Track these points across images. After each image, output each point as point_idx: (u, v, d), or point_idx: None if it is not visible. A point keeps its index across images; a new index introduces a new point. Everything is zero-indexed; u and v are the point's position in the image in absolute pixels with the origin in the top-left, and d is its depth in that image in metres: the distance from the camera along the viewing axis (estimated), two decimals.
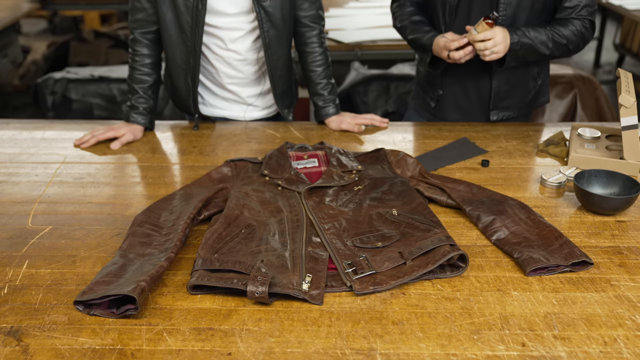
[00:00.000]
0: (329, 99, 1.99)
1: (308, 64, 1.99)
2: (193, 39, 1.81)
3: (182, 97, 1.97)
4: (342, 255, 1.21)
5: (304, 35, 1.95)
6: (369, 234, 1.29)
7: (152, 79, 1.92)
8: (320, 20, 1.96)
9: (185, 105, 1.99)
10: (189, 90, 1.93)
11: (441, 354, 0.99)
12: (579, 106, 2.85)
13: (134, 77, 1.91)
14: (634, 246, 1.29)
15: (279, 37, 1.87)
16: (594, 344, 1.01)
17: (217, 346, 1.01)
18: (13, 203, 1.50)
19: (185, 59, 1.87)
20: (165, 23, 1.82)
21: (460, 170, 1.66)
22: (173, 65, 1.92)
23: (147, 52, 1.90)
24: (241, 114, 2.04)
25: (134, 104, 1.91)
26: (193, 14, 1.77)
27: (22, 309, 1.10)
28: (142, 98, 1.91)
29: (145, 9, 1.84)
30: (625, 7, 4.41)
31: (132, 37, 1.90)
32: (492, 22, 1.69)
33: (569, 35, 1.78)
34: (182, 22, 1.80)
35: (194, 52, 1.84)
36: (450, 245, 1.20)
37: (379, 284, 1.13)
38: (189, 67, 1.88)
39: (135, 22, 1.87)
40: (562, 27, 1.78)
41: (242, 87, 1.98)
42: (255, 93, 2.01)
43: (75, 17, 6.58)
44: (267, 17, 1.81)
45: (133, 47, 1.91)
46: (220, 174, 1.57)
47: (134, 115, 1.91)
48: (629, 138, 1.59)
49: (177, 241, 1.24)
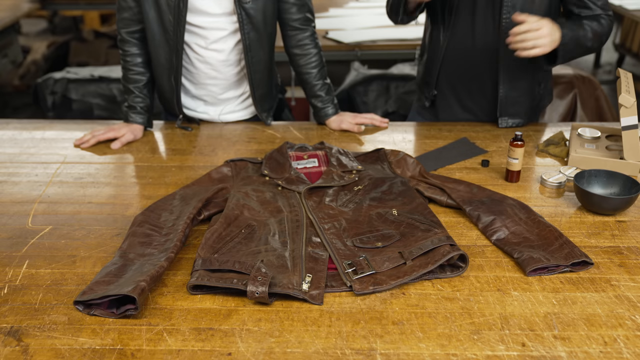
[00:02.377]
0: (327, 99, 1.98)
1: (302, 67, 1.96)
2: (175, 38, 1.80)
3: (167, 97, 1.97)
4: (342, 255, 1.21)
5: (294, 37, 1.93)
6: (369, 234, 1.29)
7: (145, 77, 1.92)
8: (311, 22, 1.94)
9: (170, 105, 1.98)
10: (172, 90, 1.92)
11: (441, 354, 0.99)
12: (579, 106, 2.85)
13: (127, 77, 1.91)
14: (634, 246, 1.29)
15: (260, 39, 1.85)
16: (594, 344, 1.01)
17: (217, 346, 1.01)
18: (13, 203, 1.50)
19: (169, 58, 1.85)
20: (148, 22, 1.81)
21: (460, 170, 1.66)
22: (157, 64, 1.90)
23: (136, 51, 1.89)
24: (216, 117, 2.02)
25: (131, 104, 1.91)
26: (175, 13, 1.76)
27: (22, 309, 1.10)
28: (139, 97, 1.91)
29: (131, 7, 1.83)
30: (625, 7, 4.41)
31: (119, 37, 1.90)
32: (521, 143, 1.55)
33: (603, 30, 1.74)
34: (165, 21, 1.79)
35: (177, 52, 1.83)
36: (450, 245, 1.20)
37: (379, 284, 1.13)
38: (171, 66, 1.87)
39: (121, 22, 1.87)
40: (595, 21, 1.73)
41: (221, 89, 1.96)
42: (235, 95, 1.99)
43: (75, 17, 6.57)
44: (249, 19, 1.79)
45: (122, 47, 1.90)
46: (220, 174, 1.57)
47: (132, 115, 1.91)
48: (629, 138, 1.59)
49: (177, 241, 1.24)
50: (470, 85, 1.95)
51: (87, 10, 5.95)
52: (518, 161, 1.56)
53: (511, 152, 1.55)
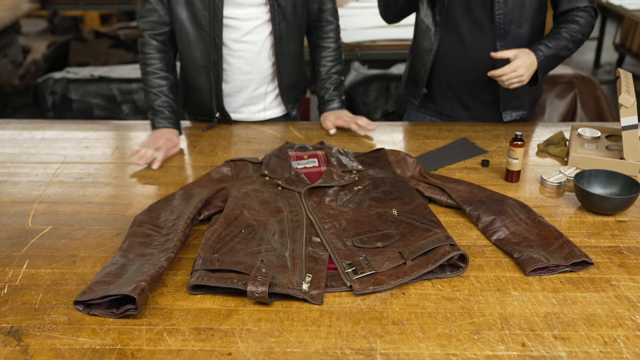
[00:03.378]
0: (335, 94, 1.99)
1: (321, 59, 1.98)
2: (212, 33, 1.79)
3: (204, 98, 1.92)
4: (342, 255, 1.21)
5: (321, 29, 1.95)
6: (369, 234, 1.29)
7: (169, 81, 1.86)
8: (336, 15, 1.96)
9: (205, 106, 1.94)
10: (211, 87, 1.89)
11: (441, 354, 0.99)
12: (579, 106, 2.85)
13: (150, 82, 1.84)
14: (634, 246, 1.29)
15: (290, 30, 1.86)
16: (594, 344, 1.01)
17: (217, 346, 1.01)
18: (13, 203, 1.50)
19: (206, 55, 1.83)
20: (180, 22, 1.80)
21: (460, 170, 1.66)
22: (191, 64, 1.87)
23: (159, 54, 1.85)
24: (253, 115, 2.01)
25: (157, 109, 1.84)
26: (210, 8, 1.75)
27: (22, 309, 1.10)
28: (165, 101, 1.84)
29: (157, 10, 1.80)
30: (625, 7, 4.41)
31: (142, 40, 1.84)
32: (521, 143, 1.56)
33: (582, 29, 1.79)
34: (199, 18, 1.77)
35: (215, 46, 1.81)
36: (450, 245, 1.20)
37: (378, 284, 1.13)
38: (210, 63, 1.84)
39: (146, 24, 1.82)
40: (573, 23, 1.79)
41: (256, 84, 1.94)
42: (269, 90, 1.98)
43: (75, 17, 6.57)
44: (280, 10, 1.80)
45: (144, 50, 1.84)
46: (220, 174, 1.57)
47: (160, 120, 1.84)
48: (629, 138, 1.59)
49: (177, 241, 1.24)
50: (467, 83, 1.96)
51: (87, 10, 5.95)
52: (518, 161, 1.56)
53: (511, 152, 1.56)
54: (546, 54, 1.75)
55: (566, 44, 1.78)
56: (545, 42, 1.77)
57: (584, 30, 1.80)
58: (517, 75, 1.71)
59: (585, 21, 1.80)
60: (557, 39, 1.77)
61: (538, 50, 1.74)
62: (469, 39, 1.87)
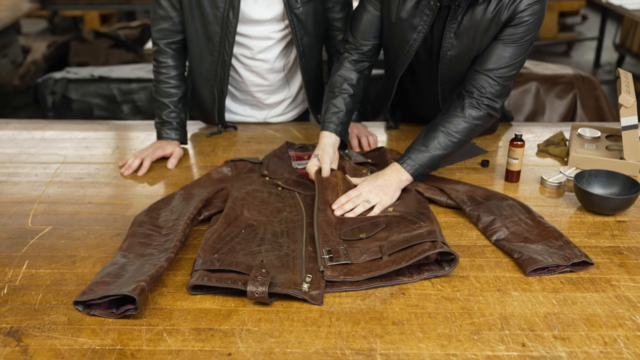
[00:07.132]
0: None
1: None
2: (222, 49, 1.73)
3: (206, 108, 1.90)
4: (325, 242, 1.23)
5: (336, 39, 1.85)
6: (357, 225, 1.31)
7: (181, 91, 1.81)
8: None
9: (209, 115, 1.92)
10: (214, 101, 1.85)
11: (441, 354, 0.99)
12: (579, 106, 2.85)
13: (162, 91, 1.79)
14: (634, 246, 1.29)
15: (312, 44, 1.81)
16: (594, 344, 1.01)
17: (217, 346, 1.01)
18: (13, 203, 1.50)
19: (212, 69, 1.78)
20: (191, 33, 1.74)
21: (460, 170, 1.66)
22: (198, 76, 1.84)
23: (173, 63, 1.79)
24: (261, 120, 2.00)
25: (165, 120, 1.79)
26: (223, 24, 1.69)
27: (22, 309, 1.10)
28: (174, 112, 1.80)
29: (172, 17, 1.73)
30: (625, 7, 4.41)
31: (156, 48, 1.78)
32: (521, 143, 1.54)
33: (465, 129, 1.48)
34: (210, 32, 1.71)
35: (223, 63, 1.76)
36: (431, 242, 1.19)
37: (349, 275, 1.15)
38: (216, 78, 1.79)
39: (160, 32, 1.76)
40: (455, 123, 1.48)
41: (267, 95, 1.92)
42: (280, 100, 1.96)
43: (75, 17, 6.57)
44: (300, 25, 1.74)
45: (158, 58, 1.79)
46: (220, 174, 1.57)
47: (167, 131, 1.79)
48: (629, 138, 1.59)
49: (177, 241, 1.24)
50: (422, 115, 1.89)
51: (87, 10, 5.95)
52: (518, 161, 1.56)
53: (511, 152, 1.56)
54: (417, 165, 1.46)
55: (448, 141, 1.48)
56: (415, 147, 1.49)
57: (470, 128, 1.48)
58: (361, 198, 1.40)
59: (473, 119, 1.48)
60: (430, 139, 1.48)
61: (405, 164, 1.46)
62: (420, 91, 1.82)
